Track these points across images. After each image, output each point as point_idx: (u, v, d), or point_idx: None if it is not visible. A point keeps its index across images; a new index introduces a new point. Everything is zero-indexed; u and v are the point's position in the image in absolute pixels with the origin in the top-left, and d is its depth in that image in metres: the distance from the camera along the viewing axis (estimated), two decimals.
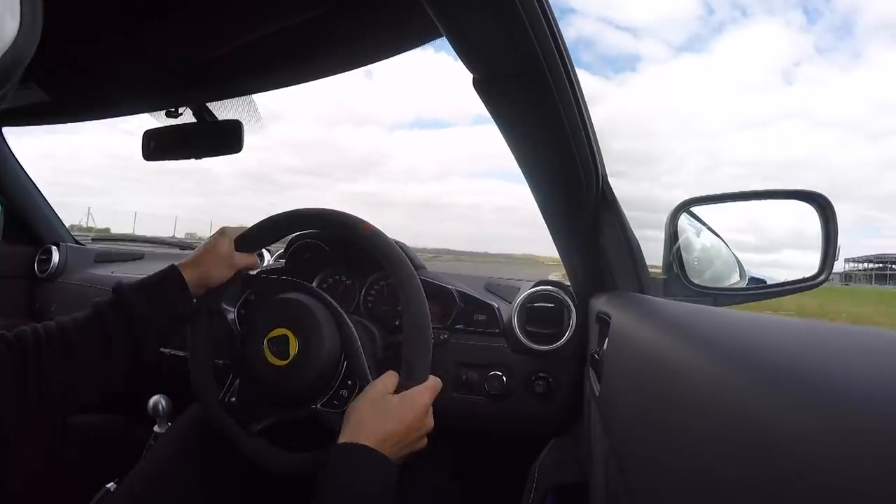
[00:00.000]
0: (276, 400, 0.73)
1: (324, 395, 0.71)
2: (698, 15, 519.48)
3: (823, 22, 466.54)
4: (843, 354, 0.24)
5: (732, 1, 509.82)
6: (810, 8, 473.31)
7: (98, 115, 1.16)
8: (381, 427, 0.59)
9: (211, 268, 0.73)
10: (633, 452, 0.40)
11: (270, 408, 0.73)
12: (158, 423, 0.94)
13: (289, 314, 0.72)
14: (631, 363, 0.48)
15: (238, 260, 0.74)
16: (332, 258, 1.03)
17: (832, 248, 0.75)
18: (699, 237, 0.90)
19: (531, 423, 0.91)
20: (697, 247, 0.90)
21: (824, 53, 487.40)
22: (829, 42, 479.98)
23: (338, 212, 0.74)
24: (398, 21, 0.67)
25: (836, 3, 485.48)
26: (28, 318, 1.56)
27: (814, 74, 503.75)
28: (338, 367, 0.72)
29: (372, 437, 0.58)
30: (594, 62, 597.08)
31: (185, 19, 0.73)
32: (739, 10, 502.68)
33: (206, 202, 61.00)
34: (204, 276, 0.73)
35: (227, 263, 0.74)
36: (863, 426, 0.17)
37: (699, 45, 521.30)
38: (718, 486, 0.24)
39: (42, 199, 1.57)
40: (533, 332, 0.89)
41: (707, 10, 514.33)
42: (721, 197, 0.83)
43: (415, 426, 0.62)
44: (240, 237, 0.75)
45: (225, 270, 0.74)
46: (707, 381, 0.28)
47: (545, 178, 0.69)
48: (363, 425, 0.59)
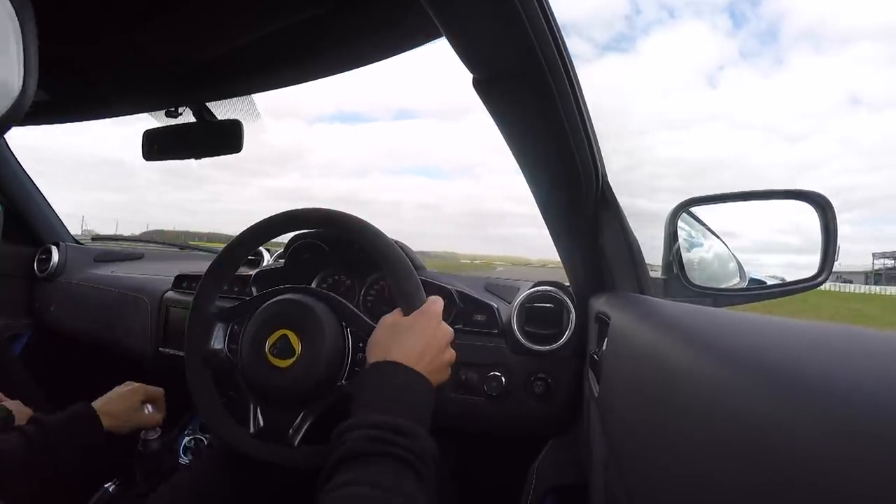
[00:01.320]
0: (300, 400, 0.72)
1: (342, 371, 0.72)
2: (625, 14, 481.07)
3: (749, 27, 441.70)
4: (843, 356, 0.24)
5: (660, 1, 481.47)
6: (737, 13, 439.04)
7: (98, 114, 1.16)
8: (403, 344, 0.59)
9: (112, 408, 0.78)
10: (633, 453, 0.40)
11: (301, 410, 0.72)
12: (145, 430, 0.93)
13: (281, 315, 0.73)
14: (630, 364, 0.48)
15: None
16: (331, 258, 1.03)
17: (832, 249, 0.75)
18: (699, 238, 0.90)
19: (530, 424, 0.91)
20: (697, 247, 0.90)
21: (748, 58, 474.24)
22: (753, 47, 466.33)
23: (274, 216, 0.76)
24: (397, 21, 0.67)
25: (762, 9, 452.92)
26: (28, 318, 1.56)
27: (737, 78, 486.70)
28: (344, 341, 0.72)
29: (396, 355, 0.57)
30: None
31: (185, 19, 0.73)
32: (667, 11, 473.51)
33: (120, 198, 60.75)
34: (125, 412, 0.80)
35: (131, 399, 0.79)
36: (863, 428, 0.17)
37: (625, 45, 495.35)
38: (718, 487, 0.23)
39: (42, 198, 1.58)
40: (532, 332, 0.89)
41: (634, 9, 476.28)
42: (720, 197, 0.82)
43: (434, 336, 0.62)
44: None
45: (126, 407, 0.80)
46: (707, 382, 0.28)
47: (545, 177, 0.68)
48: (385, 348, 0.59)
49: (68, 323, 1.49)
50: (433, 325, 0.62)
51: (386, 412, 0.51)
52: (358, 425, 0.49)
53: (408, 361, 0.57)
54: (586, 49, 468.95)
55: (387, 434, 0.48)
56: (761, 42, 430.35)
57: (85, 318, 1.43)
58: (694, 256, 0.87)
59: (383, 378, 0.56)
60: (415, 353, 0.58)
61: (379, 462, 0.47)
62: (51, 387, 1.41)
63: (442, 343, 0.63)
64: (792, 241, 0.88)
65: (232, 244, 0.80)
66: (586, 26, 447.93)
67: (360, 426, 0.49)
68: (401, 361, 0.57)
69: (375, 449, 0.47)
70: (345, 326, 0.73)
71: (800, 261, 0.83)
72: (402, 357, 0.57)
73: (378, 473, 0.46)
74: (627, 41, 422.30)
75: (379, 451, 0.47)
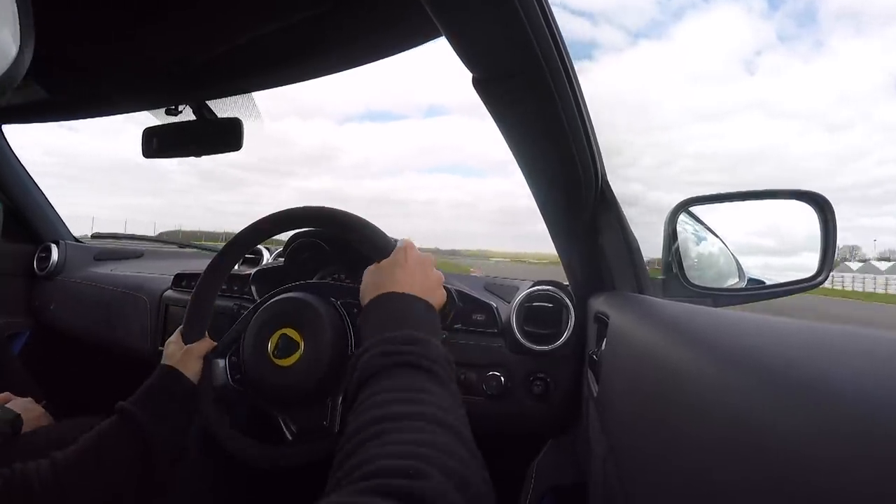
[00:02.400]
0: (319, 390, 0.71)
1: (348, 344, 0.73)
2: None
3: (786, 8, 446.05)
4: (840, 356, 0.24)
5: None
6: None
7: (98, 112, 1.16)
8: (391, 278, 0.60)
9: (183, 371, 0.74)
10: (632, 452, 0.40)
11: (325, 400, 0.72)
12: None
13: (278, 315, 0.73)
14: (629, 363, 0.48)
15: (196, 351, 0.76)
16: (331, 257, 1.03)
17: (831, 248, 0.75)
18: (698, 237, 0.90)
19: (529, 423, 0.91)
20: (696, 247, 0.90)
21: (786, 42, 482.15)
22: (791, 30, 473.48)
23: (238, 235, 0.77)
24: (397, 20, 0.67)
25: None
26: (27, 316, 1.56)
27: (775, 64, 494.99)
28: (341, 317, 0.73)
29: (389, 287, 0.58)
30: None
31: (185, 18, 0.73)
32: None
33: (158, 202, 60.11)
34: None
35: (191, 359, 0.75)
36: (859, 427, 0.17)
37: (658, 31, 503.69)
38: (716, 486, 0.24)
39: (42, 196, 1.58)
40: (531, 331, 0.89)
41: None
42: (720, 197, 0.82)
43: (417, 262, 0.63)
44: (184, 334, 0.77)
45: (193, 366, 0.75)
46: (705, 381, 0.28)
47: (544, 177, 0.68)
48: (376, 286, 0.60)
49: (68, 321, 1.48)
50: (410, 254, 0.64)
51: (391, 330, 0.52)
52: (367, 348, 0.50)
53: (400, 289, 0.58)
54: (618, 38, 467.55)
55: (397, 346, 0.49)
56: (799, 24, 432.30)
57: (84, 316, 1.43)
58: (693, 256, 0.87)
59: (382, 306, 0.57)
60: (405, 282, 0.60)
61: (396, 372, 0.47)
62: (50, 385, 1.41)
63: (424, 265, 0.64)
64: (768, 244, 0.89)
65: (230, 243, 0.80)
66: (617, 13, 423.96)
67: (369, 348, 0.50)
68: (396, 290, 0.58)
69: (388, 362, 0.48)
70: (335, 302, 0.74)
71: (775, 262, 0.84)
72: (393, 288, 0.58)
73: (398, 380, 0.46)
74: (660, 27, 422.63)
75: (393, 363, 0.48)
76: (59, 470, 0.61)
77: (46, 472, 0.60)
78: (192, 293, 0.79)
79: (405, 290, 0.58)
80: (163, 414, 0.68)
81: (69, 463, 0.62)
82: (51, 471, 0.60)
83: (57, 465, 0.61)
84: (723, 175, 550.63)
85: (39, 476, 0.59)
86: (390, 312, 0.56)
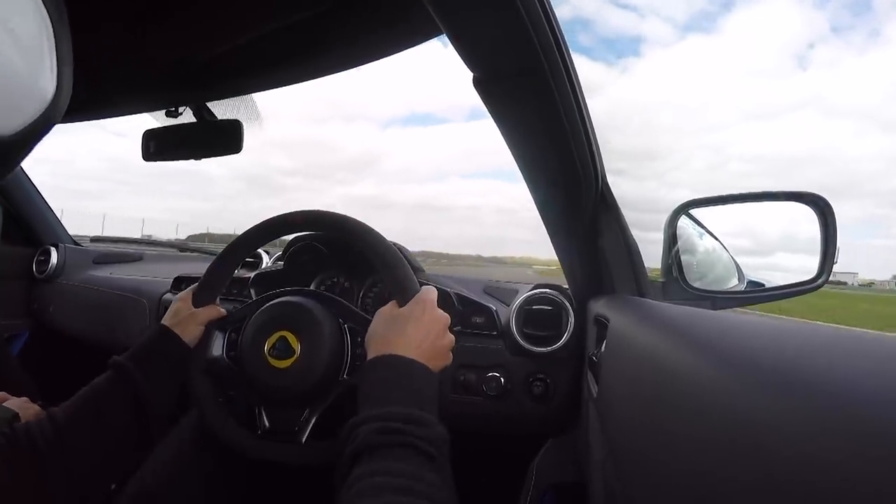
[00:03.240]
0: (303, 398, 0.72)
1: (342, 367, 0.72)
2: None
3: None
4: (840, 358, 0.24)
5: None
6: None
7: (98, 114, 1.16)
8: (403, 335, 0.59)
9: (181, 333, 0.73)
10: (631, 454, 0.40)
11: (305, 408, 0.72)
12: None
13: (278, 317, 0.73)
14: (629, 366, 0.48)
15: (201, 316, 0.75)
16: (330, 260, 1.03)
17: (831, 251, 0.75)
18: (698, 240, 0.90)
19: (529, 424, 0.91)
20: (696, 250, 0.90)
21: (840, 33, 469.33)
22: (845, 19, 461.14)
23: (271, 218, 0.76)
24: (398, 19, 0.67)
25: None
26: (27, 319, 1.56)
27: (829, 57, 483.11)
28: (342, 338, 0.73)
29: (398, 347, 0.57)
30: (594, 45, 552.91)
31: (185, 19, 0.73)
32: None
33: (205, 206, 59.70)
34: None
35: (193, 323, 0.75)
36: (858, 428, 0.17)
37: (707, 24, 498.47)
38: (715, 487, 0.23)
39: (41, 200, 1.58)
40: (531, 334, 0.89)
41: None
42: (720, 199, 0.83)
43: (432, 322, 0.62)
44: (195, 295, 0.76)
45: (194, 330, 0.74)
46: (705, 384, 0.28)
47: (544, 179, 0.69)
48: (385, 341, 0.59)
49: (67, 324, 1.48)
50: (429, 311, 0.62)
51: (394, 403, 0.52)
52: (368, 419, 0.50)
53: (407, 351, 0.57)
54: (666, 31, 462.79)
55: (397, 424, 0.48)
56: (853, 13, 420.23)
57: (83, 319, 1.42)
58: (693, 259, 0.87)
59: (386, 371, 0.56)
60: (414, 342, 0.58)
61: (394, 452, 0.47)
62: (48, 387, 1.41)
63: (439, 328, 0.63)
64: (742, 244, 0.89)
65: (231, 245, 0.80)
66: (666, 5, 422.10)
67: (369, 420, 0.49)
68: (400, 352, 0.57)
69: (388, 440, 0.47)
70: (342, 323, 0.74)
71: (749, 262, 0.84)
72: (401, 347, 0.57)
73: (395, 463, 0.46)
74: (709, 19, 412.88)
75: (392, 442, 0.47)
76: (60, 426, 0.61)
77: (48, 428, 0.60)
78: (218, 255, 0.79)
79: (413, 353, 0.57)
80: (155, 374, 0.68)
81: (69, 418, 0.62)
82: (51, 426, 0.61)
83: (57, 420, 0.62)
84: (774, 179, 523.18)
85: (42, 432, 0.59)
86: (393, 382, 0.55)
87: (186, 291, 0.78)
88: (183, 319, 0.74)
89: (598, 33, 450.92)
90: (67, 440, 0.60)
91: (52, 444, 0.59)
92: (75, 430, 0.62)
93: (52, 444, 0.59)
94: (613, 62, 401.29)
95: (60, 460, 0.59)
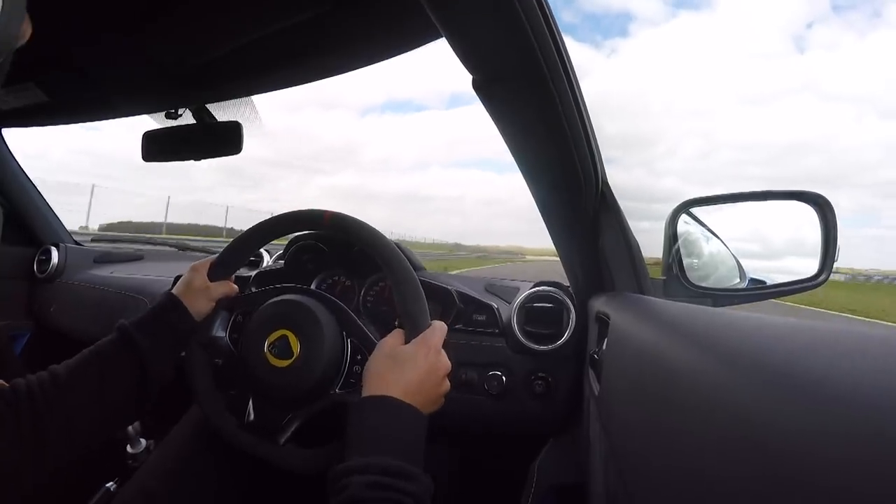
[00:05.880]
0: (293, 401, 0.72)
1: (337, 379, 0.72)
2: None
3: None
4: (841, 355, 0.24)
5: None
6: None
7: (98, 116, 1.16)
8: (401, 378, 0.58)
9: (191, 304, 0.74)
10: (632, 452, 0.40)
11: (290, 411, 0.72)
12: (131, 444, 0.93)
13: (283, 315, 0.73)
14: (630, 363, 0.48)
15: (214, 291, 0.76)
16: (331, 259, 1.03)
17: (832, 249, 0.75)
18: (699, 238, 0.90)
19: (530, 423, 0.91)
20: (697, 248, 0.90)
21: (841, 12, 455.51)
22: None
23: (294, 211, 0.76)
24: (397, 22, 0.67)
25: None
26: (28, 319, 1.56)
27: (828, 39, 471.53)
28: (343, 350, 0.72)
29: (394, 389, 0.57)
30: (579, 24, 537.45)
31: (185, 20, 0.73)
32: None
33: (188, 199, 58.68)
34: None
35: (205, 297, 0.75)
36: (860, 427, 0.17)
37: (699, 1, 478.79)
38: (717, 486, 0.24)
39: (41, 199, 1.58)
40: (532, 332, 0.89)
41: None
42: (720, 198, 0.83)
43: (433, 369, 0.61)
44: (211, 268, 0.77)
45: (204, 303, 0.75)
46: (706, 381, 0.28)
47: (545, 179, 0.69)
48: (383, 380, 0.58)
49: (68, 324, 1.48)
50: (432, 357, 0.62)
51: (384, 453, 0.52)
52: (356, 469, 0.50)
53: (404, 395, 0.57)
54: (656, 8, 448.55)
55: (387, 479, 0.49)
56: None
57: (85, 319, 1.42)
58: (693, 257, 0.87)
59: (378, 414, 0.56)
60: (412, 387, 0.58)
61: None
62: None
63: (440, 376, 0.62)
64: (753, 248, 0.89)
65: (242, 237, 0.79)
66: None
67: (359, 471, 0.50)
68: (395, 394, 0.57)
69: (377, 495, 0.48)
70: (346, 337, 0.73)
71: (759, 265, 0.84)
72: (399, 391, 0.57)
73: None
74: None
75: (381, 498, 0.48)
76: (61, 382, 0.62)
77: (49, 384, 0.62)
78: (239, 236, 0.79)
79: (408, 396, 0.57)
80: (159, 343, 0.69)
81: (70, 376, 0.64)
82: (52, 382, 0.62)
83: (58, 377, 0.63)
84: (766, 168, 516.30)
85: (42, 388, 0.61)
86: (386, 427, 0.55)
87: (202, 262, 0.77)
88: (195, 291, 0.74)
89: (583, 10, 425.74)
90: (68, 397, 0.62)
91: (51, 400, 0.60)
92: (76, 388, 0.63)
93: (52, 400, 0.61)
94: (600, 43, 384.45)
95: (59, 416, 0.60)
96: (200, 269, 0.76)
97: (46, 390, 0.61)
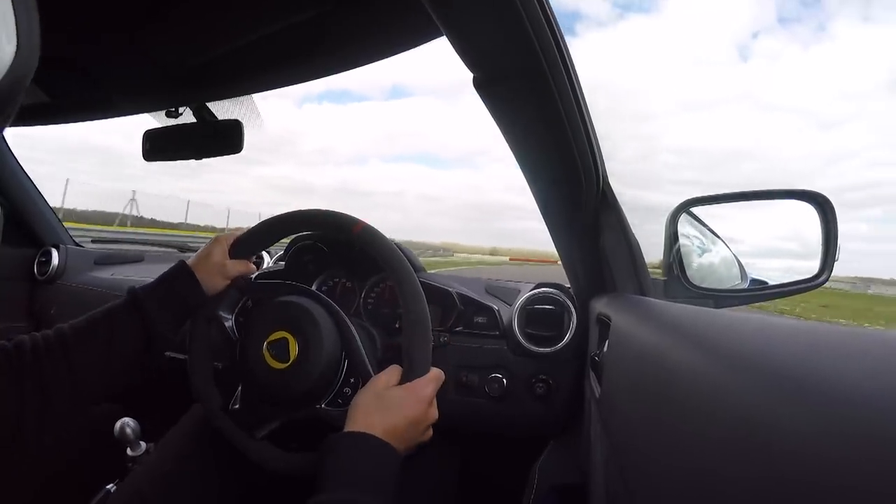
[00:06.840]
0: (279, 403, 0.72)
1: (327, 394, 0.71)
2: None
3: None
4: (843, 357, 0.24)
5: None
6: None
7: (98, 115, 1.16)
8: (386, 420, 0.59)
9: (205, 276, 0.73)
10: (634, 454, 0.40)
11: (274, 411, 0.72)
12: (131, 447, 0.93)
13: (287, 317, 0.72)
14: (631, 365, 0.48)
15: (232, 268, 0.75)
16: (332, 260, 1.03)
17: (832, 248, 0.74)
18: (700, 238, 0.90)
19: (531, 425, 0.91)
20: (698, 248, 0.90)
21: (787, 24, 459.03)
22: (794, 11, 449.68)
23: (331, 212, 0.75)
24: (398, 21, 0.67)
25: None
26: (28, 321, 1.56)
27: (771, 49, 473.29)
28: (339, 366, 0.72)
29: (377, 428, 0.58)
30: None
31: (185, 19, 0.73)
32: None
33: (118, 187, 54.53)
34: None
35: (221, 272, 0.75)
36: (862, 428, 0.17)
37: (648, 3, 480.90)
38: (719, 487, 0.23)
39: (42, 200, 1.58)
40: (533, 334, 0.89)
41: None
42: (721, 197, 0.82)
43: (419, 419, 0.61)
44: (234, 244, 0.76)
45: (219, 279, 0.74)
46: (707, 383, 0.28)
47: (546, 178, 0.69)
48: (368, 418, 0.59)
49: None
50: (422, 408, 0.62)
51: (362, 491, 0.53)
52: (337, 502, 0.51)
53: (386, 436, 0.57)
54: (604, 9, 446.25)
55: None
56: (803, 3, 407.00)
57: None
58: (694, 257, 0.87)
59: (357, 452, 0.56)
60: (397, 431, 0.59)
61: None
62: None
63: (424, 426, 0.63)
64: (792, 247, 0.89)
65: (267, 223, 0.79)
66: None
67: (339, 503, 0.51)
68: (377, 433, 0.57)
69: None
70: (344, 356, 0.73)
71: (798, 266, 0.84)
72: (380, 431, 0.57)
73: None
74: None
75: None
76: (68, 342, 0.64)
77: (54, 342, 0.63)
78: (267, 220, 0.78)
79: (389, 437, 0.57)
80: (167, 313, 0.70)
81: (77, 336, 0.65)
82: (58, 341, 0.63)
83: (65, 336, 0.64)
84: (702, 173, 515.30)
85: (47, 345, 0.62)
86: (364, 465, 0.55)
87: (225, 235, 0.77)
88: (211, 265, 0.74)
89: None
90: (72, 354, 0.63)
91: (56, 356, 0.62)
92: (81, 347, 0.64)
93: (57, 356, 0.62)
94: None
95: (62, 370, 0.62)
96: (223, 242, 0.76)
97: (52, 346, 0.62)
